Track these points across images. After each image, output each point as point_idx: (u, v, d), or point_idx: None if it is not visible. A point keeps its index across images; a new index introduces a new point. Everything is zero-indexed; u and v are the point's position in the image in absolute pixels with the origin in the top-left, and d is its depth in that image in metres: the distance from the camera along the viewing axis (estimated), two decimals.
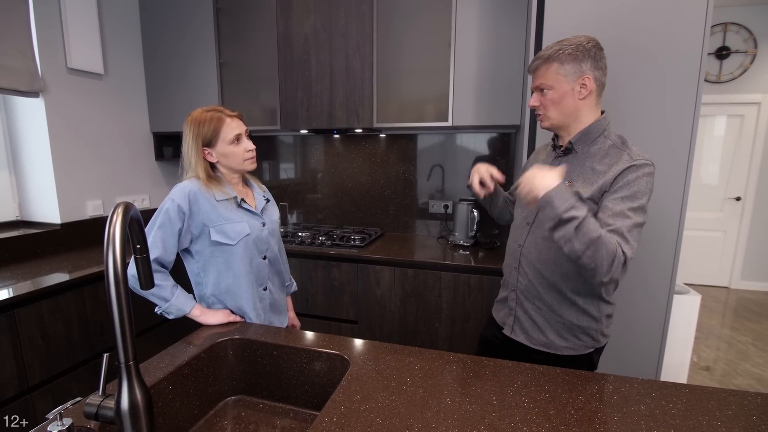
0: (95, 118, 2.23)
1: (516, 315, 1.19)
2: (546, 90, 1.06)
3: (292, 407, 1.03)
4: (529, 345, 1.16)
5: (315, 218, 2.70)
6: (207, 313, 1.17)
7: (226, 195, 1.18)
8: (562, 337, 1.12)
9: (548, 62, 1.04)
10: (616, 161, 1.01)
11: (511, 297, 1.21)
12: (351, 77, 2.10)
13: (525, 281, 1.15)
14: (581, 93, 1.03)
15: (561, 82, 1.03)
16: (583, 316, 1.09)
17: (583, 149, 1.08)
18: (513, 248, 1.20)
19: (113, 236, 0.56)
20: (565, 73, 1.03)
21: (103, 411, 0.61)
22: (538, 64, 1.07)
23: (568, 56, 1.02)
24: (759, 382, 2.49)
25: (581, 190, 1.02)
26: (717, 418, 0.74)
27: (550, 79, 1.04)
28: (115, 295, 0.56)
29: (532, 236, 1.14)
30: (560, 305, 1.10)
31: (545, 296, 1.12)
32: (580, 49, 1.01)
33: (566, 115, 1.07)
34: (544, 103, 1.07)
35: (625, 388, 0.84)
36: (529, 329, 1.16)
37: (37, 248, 1.95)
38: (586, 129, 1.07)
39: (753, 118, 3.97)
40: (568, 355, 1.12)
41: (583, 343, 1.11)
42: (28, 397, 1.45)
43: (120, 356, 0.58)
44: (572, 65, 1.02)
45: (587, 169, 1.05)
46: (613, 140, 1.05)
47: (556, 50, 1.03)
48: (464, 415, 0.75)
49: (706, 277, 4.29)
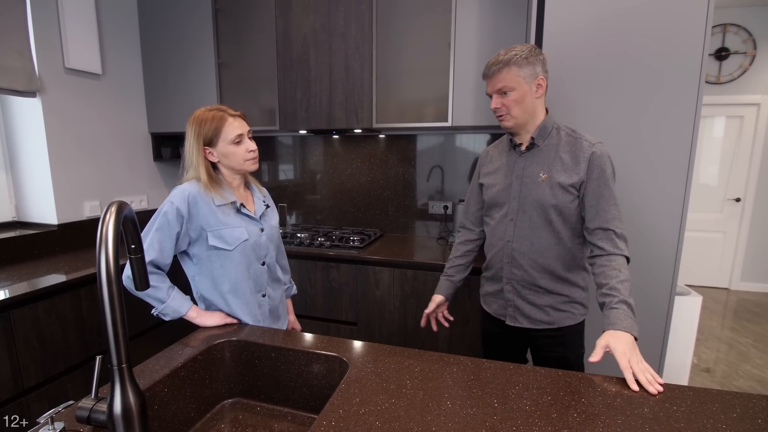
0: (93, 118, 2.21)
1: (515, 305, 1.26)
2: (508, 92, 1.14)
3: (290, 410, 1.02)
4: (532, 327, 1.25)
5: (314, 219, 2.69)
6: (203, 315, 1.15)
7: (225, 200, 1.17)
8: (561, 311, 1.22)
9: (507, 66, 1.13)
10: (578, 149, 1.14)
11: (507, 289, 1.27)
12: (350, 78, 2.09)
13: (520, 272, 1.23)
14: (537, 92, 1.15)
15: (521, 84, 1.14)
16: (575, 289, 1.22)
17: (543, 143, 1.20)
18: (501, 245, 1.26)
19: (106, 235, 0.54)
20: (523, 75, 1.13)
21: (95, 415, 0.59)
22: (498, 68, 1.14)
23: (524, 60, 1.12)
24: (760, 383, 2.48)
25: (559, 178, 1.15)
26: (722, 421, 0.73)
27: (511, 81, 1.13)
28: (107, 296, 0.55)
29: (520, 230, 1.22)
30: (555, 284, 1.21)
31: (541, 281, 1.21)
32: (532, 53, 1.13)
33: (527, 113, 1.17)
34: (507, 104, 1.16)
35: (628, 391, 0.83)
36: (530, 313, 1.24)
37: (33, 249, 1.93)
38: (542, 124, 1.19)
39: (752, 119, 3.97)
40: (569, 326, 1.23)
41: (579, 311, 1.24)
42: (23, 399, 1.43)
43: (113, 359, 0.57)
44: (528, 68, 1.13)
45: (555, 159, 1.17)
46: (565, 130, 1.19)
47: (513, 55, 1.13)
48: (465, 418, 0.74)
49: (705, 279, 4.28)
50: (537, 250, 1.20)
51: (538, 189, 1.17)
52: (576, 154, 1.14)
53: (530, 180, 1.19)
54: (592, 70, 1.46)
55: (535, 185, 1.18)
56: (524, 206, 1.20)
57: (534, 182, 1.18)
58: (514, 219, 1.22)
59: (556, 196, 1.15)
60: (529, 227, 1.20)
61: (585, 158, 1.12)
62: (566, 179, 1.14)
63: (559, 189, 1.15)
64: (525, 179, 1.20)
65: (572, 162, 1.14)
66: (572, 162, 1.14)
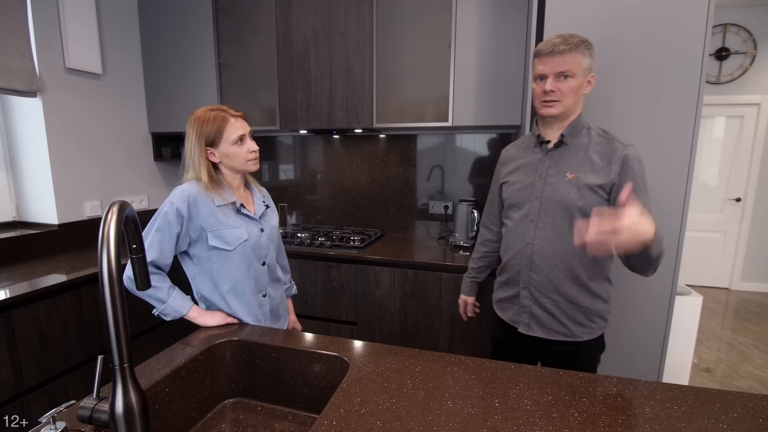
0: (93, 118, 2.21)
1: (531, 312, 1.19)
2: (569, 77, 1.05)
3: (291, 410, 1.02)
4: (547, 338, 1.18)
5: (314, 219, 2.69)
6: (204, 315, 1.16)
7: (225, 200, 1.17)
8: (580, 324, 1.15)
9: (576, 50, 1.03)
10: (610, 150, 1.07)
11: (523, 295, 1.19)
12: (351, 77, 2.09)
13: (539, 277, 1.15)
14: (587, 88, 1.09)
15: (581, 72, 1.05)
16: (597, 301, 1.14)
17: (572, 141, 1.13)
18: (519, 247, 1.19)
19: (108, 235, 0.54)
20: (585, 66, 1.05)
21: (97, 414, 0.59)
22: (567, 48, 1.03)
23: (587, 51, 1.05)
24: (760, 383, 2.47)
25: (587, 179, 1.07)
26: (722, 420, 0.73)
27: (575, 66, 1.04)
28: (109, 295, 0.55)
29: (541, 232, 1.14)
30: (577, 293, 1.13)
31: (562, 288, 1.13)
32: (591, 47, 1.05)
33: (574, 105, 1.10)
34: (564, 90, 1.06)
35: (629, 391, 0.83)
36: (547, 322, 1.17)
37: (34, 249, 1.93)
38: (574, 122, 1.12)
39: (753, 119, 3.97)
40: (586, 340, 1.15)
41: (598, 325, 1.16)
42: (24, 399, 1.43)
43: (114, 358, 0.57)
44: (589, 60, 1.05)
45: (584, 159, 1.10)
46: (596, 130, 1.12)
47: (580, 41, 1.04)
48: (466, 418, 0.74)
49: (706, 279, 4.28)
50: (559, 254, 1.12)
51: (564, 189, 1.10)
52: (608, 155, 1.07)
53: (555, 179, 1.12)
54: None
55: (560, 185, 1.11)
56: (547, 207, 1.13)
57: (560, 182, 1.11)
58: (535, 220, 1.15)
59: (584, 197, 1.08)
60: (552, 229, 1.12)
61: (618, 159, 1.05)
62: (595, 180, 1.06)
63: (587, 190, 1.07)
64: (550, 178, 1.13)
65: (603, 163, 1.07)
66: (603, 163, 1.07)
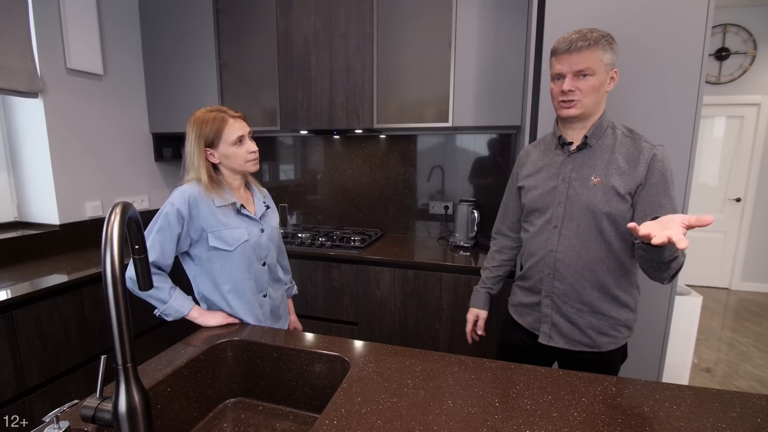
0: (94, 118, 2.22)
1: (553, 321, 1.14)
2: (588, 75, 1.00)
3: (292, 409, 1.02)
4: (568, 348, 1.13)
5: (315, 219, 2.69)
6: (205, 315, 1.16)
7: (225, 201, 1.17)
8: (605, 334, 1.10)
9: (595, 46, 0.98)
10: (637, 150, 1.02)
11: (545, 303, 1.14)
12: (351, 78, 2.10)
13: (563, 286, 1.10)
14: (610, 85, 1.03)
15: (602, 69, 1.00)
16: (624, 310, 1.10)
17: (596, 143, 1.07)
18: (542, 254, 1.13)
19: (111, 236, 0.55)
20: (606, 62, 1.00)
21: (100, 414, 0.60)
22: (585, 45, 0.98)
23: (608, 45, 0.99)
24: (760, 383, 2.48)
25: (614, 183, 1.02)
26: (721, 420, 0.73)
27: (595, 63, 0.99)
28: (112, 295, 0.55)
29: (565, 239, 1.09)
30: (603, 303, 1.08)
31: (587, 297, 1.08)
32: (613, 41, 1.00)
33: (596, 104, 1.04)
34: (583, 89, 1.01)
35: (628, 390, 0.83)
36: (569, 333, 1.12)
37: (35, 249, 1.94)
38: (598, 122, 1.06)
39: (753, 119, 3.97)
40: (610, 350, 1.11)
41: (624, 335, 1.11)
42: (26, 399, 1.43)
43: (117, 358, 0.57)
44: (611, 55, 1.00)
45: (610, 161, 1.04)
46: (622, 130, 1.06)
47: (600, 36, 0.99)
48: (466, 417, 0.74)
49: (706, 279, 4.28)
50: (585, 262, 1.07)
51: (589, 194, 1.05)
52: (634, 156, 1.02)
53: (580, 183, 1.07)
54: None
55: (585, 189, 1.05)
56: (571, 212, 1.08)
57: (584, 186, 1.06)
58: (559, 226, 1.09)
59: (610, 203, 1.02)
60: (576, 236, 1.07)
61: (645, 161, 1.00)
62: (622, 185, 1.01)
63: (613, 195, 1.02)
64: (573, 182, 1.08)
65: (629, 165, 1.02)
66: (629, 165, 1.02)
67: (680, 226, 0.75)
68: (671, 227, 0.76)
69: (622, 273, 1.07)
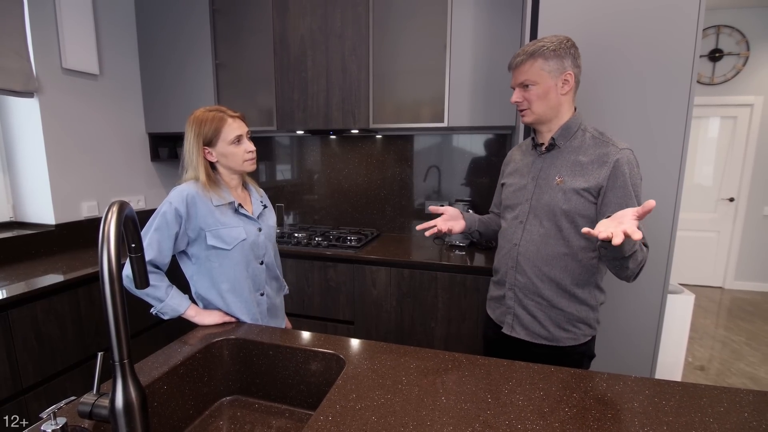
0: (90, 118, 2.22)
1: (515, 313, 1.20)
2: (530, 85, 1.09)
3: (287, 407, 1.03)
4: (530, 340, 1.18)
5: (311, 219, 2.70)
6: (202, 314, 1.17)
7: (222, 200, 1.18)
8: (563, 329, 1.14)
9: (532, 58, 1.07)
10: (603, 153, 1.06)
11: (508, 296, 1.21)
12: (347, 78, 2.11)
13: (524, 279, 1.16)
14: (563, 88, 1.08)
15: (545, 78, 1.07)
16: (582, 307, 1.13)
17: (564, 144, 1.13)
18: (507, 248, 1.21)
19: (108, 234, 0.56)
20: (549, 69, 1.06)
21: (97, 410, 0.61)
22: (522, 59, 1.08)
23: (551, 53, 1.06)
24: (753, 380, 2.51)
25: (574, 184, 1.07)
26: (709, 414, 0.75)
27: (534, 74, 1.07)
28: (109, 293, 0.56)
29: (528, 234, 1.15)
30: (560, 299, 1.13)
31: (545, 292, 1.14)
32: (561, 46, 1.06)
33: (550, 109, 1.10)
34: (529, 98, 1.10)
35: (618, 386, 0.85)
36: (530, 325, 1.17)
37: (31, 249, 1.94)
38: (565, 124, 1.12)
39: (746, 119, 4.01)
40: (570, 346, 1.15)
41: (582, 332, 1.15)
42: (22, 398, 1.43)
43: (114, 354, 0.58)
44: (555, 61, 1.06)
45: (573, 162, 1.10)
46: (591, 132, 1.11)
47: (539, 47, 1.06)
48: (459, 413, 0.75)
49: (700, 278, 4.32)
50: (543, 258, 1.12)
51: (552, 192, 1.10)
52: (599, 158, 1.05)
53: (545, 182, 1.12)
54: (584, 72, 1.47)
55: (548, 188, 1.11)
56: (535, 210, 1.14)
57: (548, 185, 1.11)
58: (524, 222, 1.16)
59: (569, 201, 1.07)
60: (538, 232, 1.13)
61: (609, 164, 1.03)
62: (582, 183, 1.06)
63: (573, 194, 1.07)
64: (540, 181, 1.14)
65: (593, 166, 1.06)
66: (593, 166, 1.06)
67: (632, 218, 0.82)
68: (625, 221, 0.82)
69: (581, 271, 1.11)
